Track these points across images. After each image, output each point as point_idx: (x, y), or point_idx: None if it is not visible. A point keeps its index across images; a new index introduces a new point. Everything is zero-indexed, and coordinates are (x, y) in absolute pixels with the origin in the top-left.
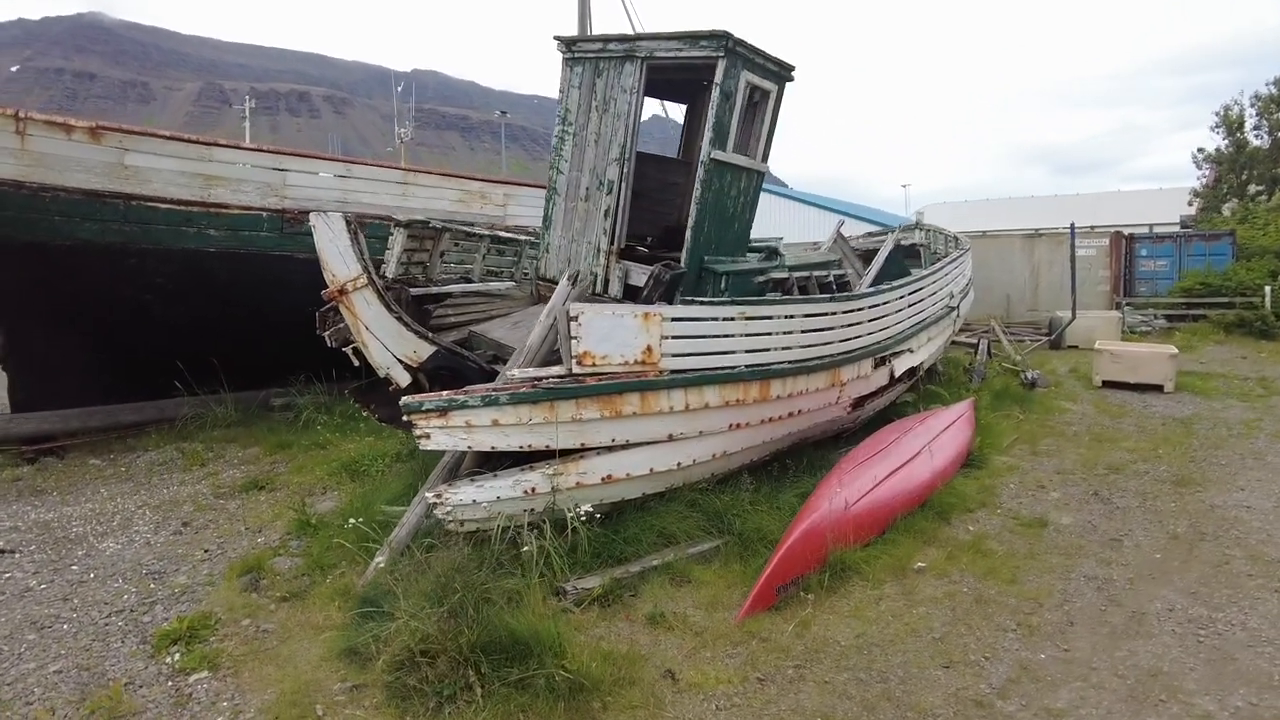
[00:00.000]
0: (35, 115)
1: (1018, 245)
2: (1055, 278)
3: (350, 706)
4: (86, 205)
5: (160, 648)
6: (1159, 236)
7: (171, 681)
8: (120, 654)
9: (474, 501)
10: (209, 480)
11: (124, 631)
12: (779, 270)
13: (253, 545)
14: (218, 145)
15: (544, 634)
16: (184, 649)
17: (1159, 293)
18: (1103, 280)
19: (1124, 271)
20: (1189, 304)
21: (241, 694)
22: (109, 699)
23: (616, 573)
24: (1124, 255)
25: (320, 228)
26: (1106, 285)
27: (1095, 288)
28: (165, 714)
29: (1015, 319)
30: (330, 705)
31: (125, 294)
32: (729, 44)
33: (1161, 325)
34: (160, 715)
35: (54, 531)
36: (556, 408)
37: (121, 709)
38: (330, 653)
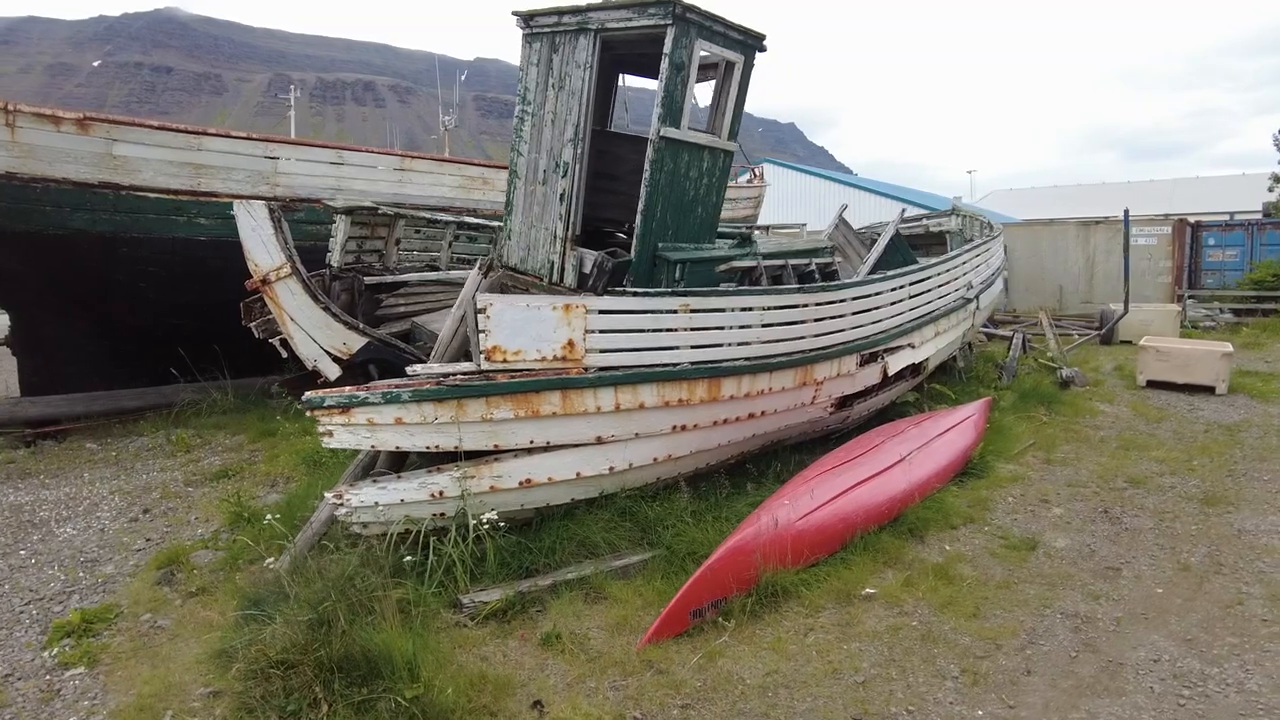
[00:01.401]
0: (24, 107)
1: (1072, 234)
2: (1112, 268)
3: (200, 715)
4: (76, 195)
5: (53, 640)
6: (1228, 225)
7: (49, 676)
8: (18, 644)
9: (376, 504)
10: (188, 467)
11: (32, 621)
12: (748, 258)
13: (188, 537)
14: (206, 134)
15: (397, 653)
16: (73, 642)
17: (1227, 285)
18: (1164, 271)
19: (1189, 262)
20: (1259, 297)
21: (105, 693)
22: None
23: (523, 586)
24: (1189, 244)
25: (242, 217)
26: (1169, 276)
27: (1156, 279)
28: (28, 710)
29: (1068, 311)
30: (181, 712)
31: (120, 281)
32: (676, 10)
33: (1227, 320)
34: (22, 711)
35: (22, 515)
36: (465, 406)
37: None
38: (206, 654)
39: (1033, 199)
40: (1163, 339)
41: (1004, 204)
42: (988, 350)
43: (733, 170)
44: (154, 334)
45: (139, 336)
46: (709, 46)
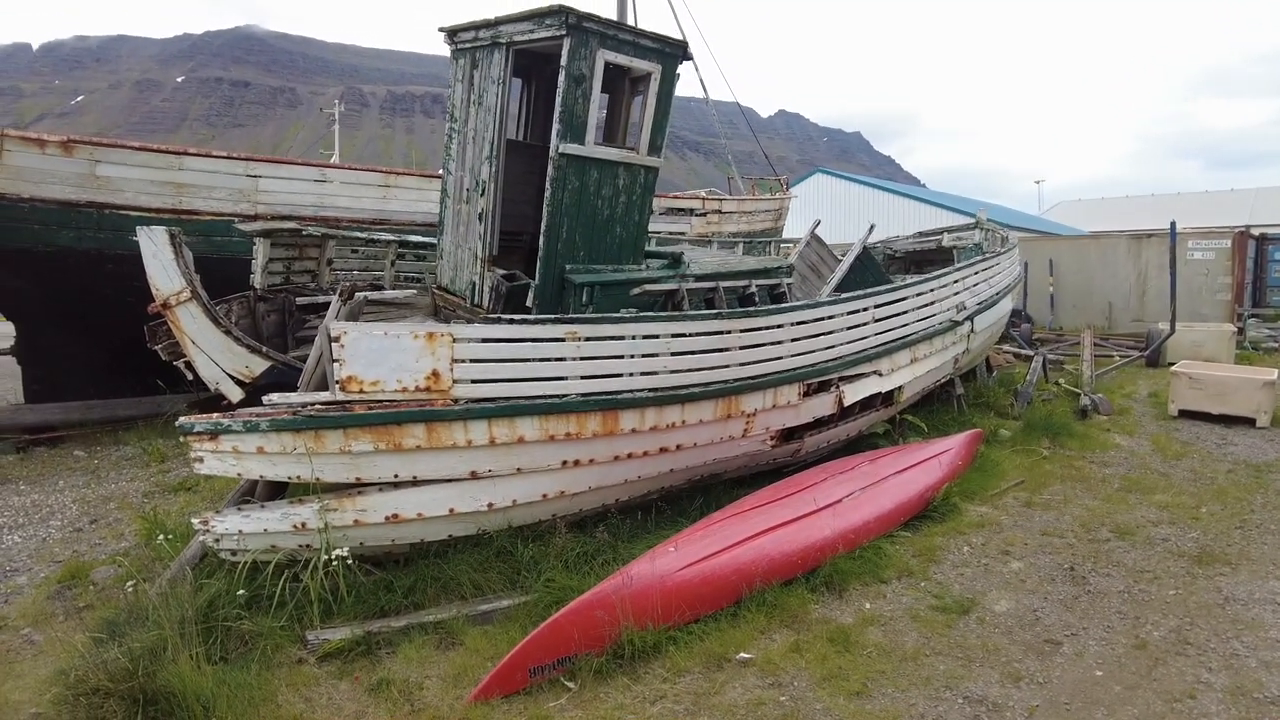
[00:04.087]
0: (10, 132)
1: (1123, 247)
2: (1165, 284)
3: None
4: (62, 214)
5: None
6: None
7: None
8: None
9: (239, 532)
10: (156, 478)
11: None
12: (670, 280)
13: (107, 551)
14: (188, 154)
15: (189, 691)
16: None
17: None
18: (1223, 288)
19: (1253, 278)
20: None
21: None
22: None
23: (373, 626)
24: (1253, 258)
25: (144, 242)
26: (1228, 293)
27: (1214, 296)
28: None
29: (1118, 330)
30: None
31: (108, 295)
32: (570, 20)
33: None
34: None
35: None
36: (322, 437)
37: None
38: (50, 674)
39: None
40: (1198, 364)
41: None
42: (1016, 372)
43: (745, 180)
44: (143, 345)
45: (130, 348)
46: (614, 57)
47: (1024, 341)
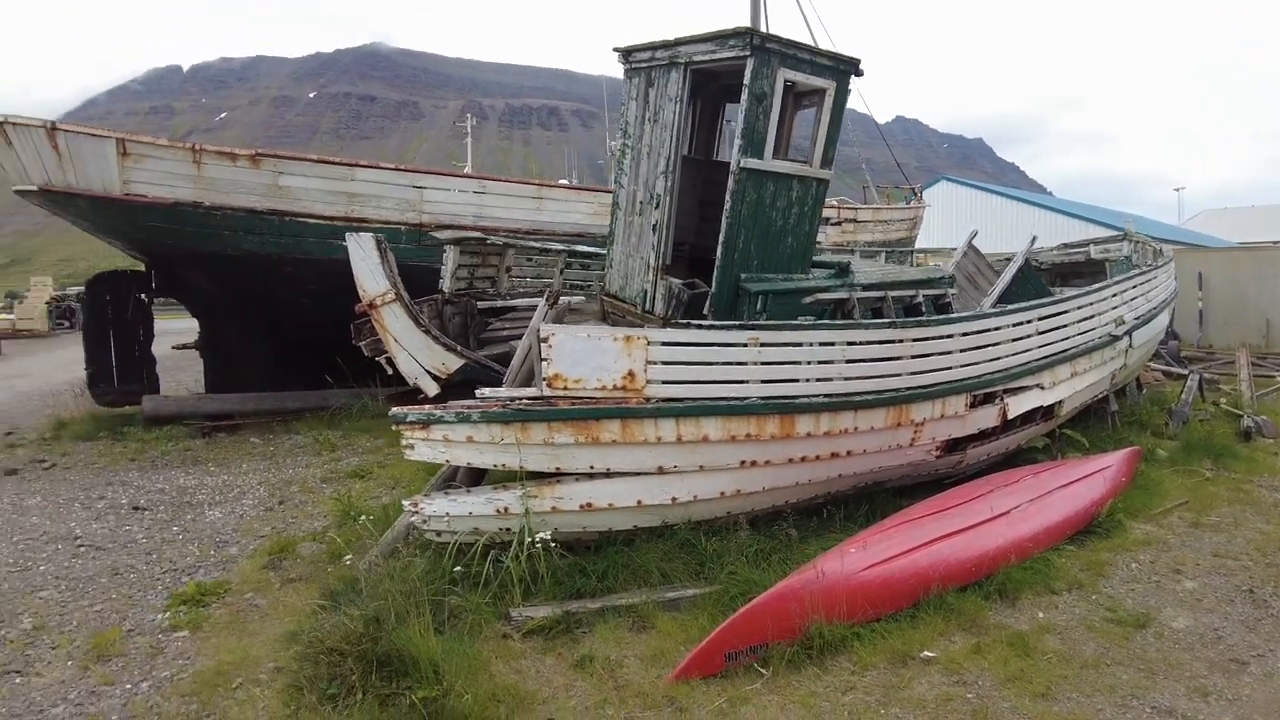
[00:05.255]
0: (208, 147)
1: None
2: None
3: (262, 686)
4: (248, 221)
5: (172, 606)
6: None
7: (159, 635)
8: (146, 605)
9: (446, 514)
10: (328, 465)
11: (164, 588)
12: (840, 290)
13: (304, 529)
14: (359, 166)
15: (423, 655)
16: (186, 610)
17: None
18: None
19: None
20: None
21: (195, 656)
22: (106, 640)
23: (571, 606)
24: None
25: (353, 247)
26: None
27: None
28: (136, 661)
29: (1277, 347)
30: (248, 680)
31: (286, 296)
32: (754, 41)
33: None
34: (131, 661)
35: (184, 497)
36: (528, 429)
37: (110, 650)
38: (282, 635)
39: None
40: None
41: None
42: (1167, 391)
43: (876, 188)
44: (314, 343)
45: (302, 345)
46: (793, 75)
47: (1171, 359)
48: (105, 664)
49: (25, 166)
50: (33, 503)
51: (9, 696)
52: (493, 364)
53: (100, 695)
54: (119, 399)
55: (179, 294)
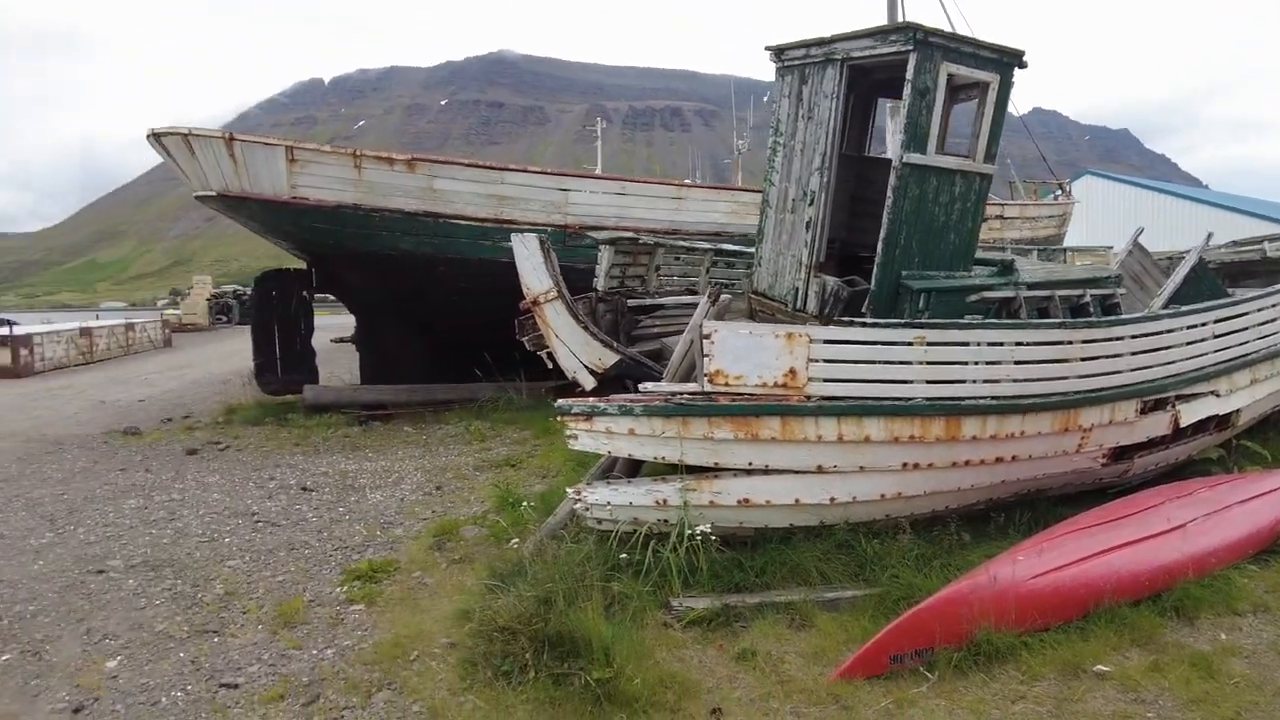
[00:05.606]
0: (367, 152)
1: None
2: None
3: (436, 660)
4: (405, 222)
5: (346, 580)
6: None
7: (337, 607)
8: (322, 579)
9: (608, 503)
10: (479, 454)
11: (337, 563)
12: (1005, 288)
13: (464, 513)
14: (508, 170)
15: (595, 637)
16: (360, 585)
17: None
18: None
19: None
20: None
21: (373, 628)
22: (291, 608)
23: (730, 599)
24: None
25: (518, 247)
26: None
27: None
28: (319, 629)
29: None
30: (424, 654)
31: (438, 294)
32: (918, 36)
33: None
34: (315, 629)
35: (347, 480)
36: (689, 424)
37: (295, 618)
38: (453, 612)
39: None
40: None
41: None
42: None
43: (1028, 182)
44: (464, 339)
45: (452, 341)
46: (956, 69)
47: None
48: (291, 630)
49: (206, 174)
50: (213, 480)
51: (210, 654)
52: (645, 360)
53: (289, 658)
54: (282, 388)
55: (338, 291)
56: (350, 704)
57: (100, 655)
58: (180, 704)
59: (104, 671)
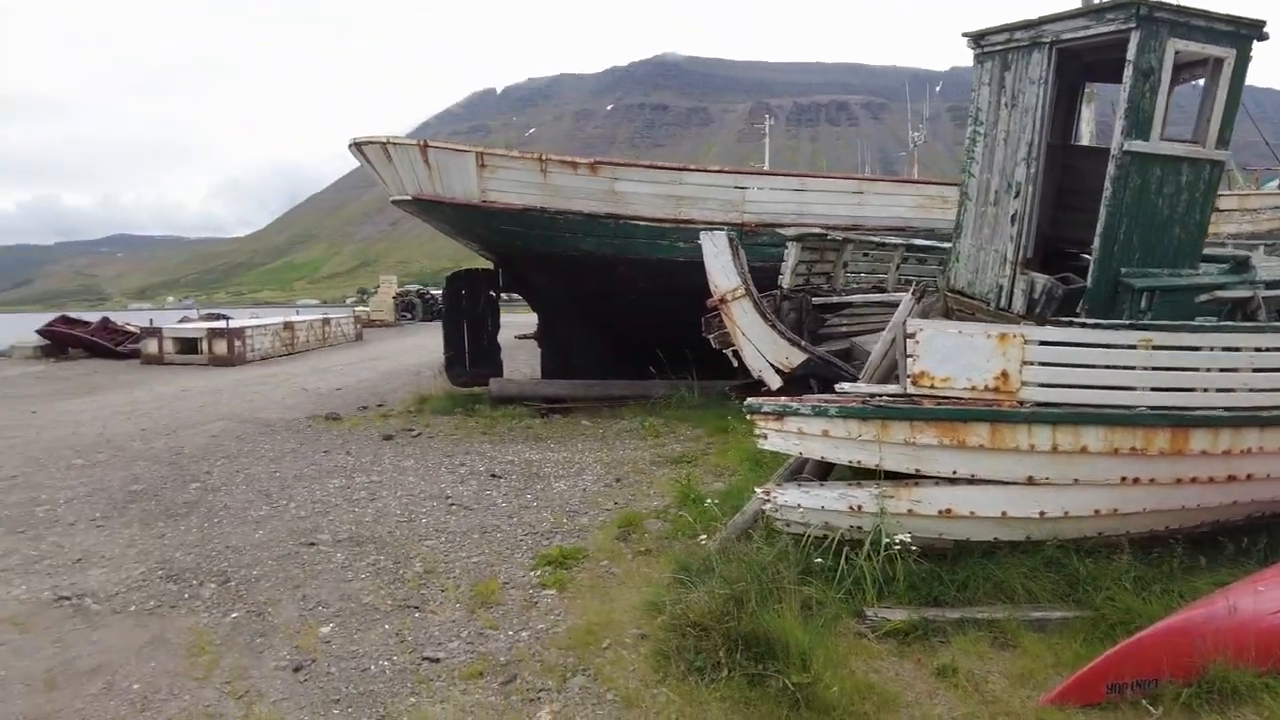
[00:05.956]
0: (552, 156)
1: None
2: None
3: (627, 649)
4: (587, 224)
5: (538, 565)
6: None
7: (530, 590)
8: (515, 562)
9: (798, 505)
10: (654, 450)
11: (527, 548)
12: (1240, 287)
13: (645, 507)
14: (686, 170)
15: (793, 641)
16: (550, 570)
17: None
18: None
19: None
20: None
21: (566, 613)
22: (487, 589)
23: (929, 613)
24: None
25: (706, 244)
26: None
27: None
28: (513, 611)
29: None
30: (615, 643)
31: (616, 294)
32: (1141, 11)
33: None
34: (509, 611)
35: (532, 469)
36: (888, 427)
37: (491, 599)
38: (641, 604)
39: None
40: None
41: None
42: None
43: (1248, 170)
44: (639, 337)
45: (628, 339)
46: (1187, 45)
47: None
48: (488, 610)
49: (402, 179)
50: (408, 464)
51: (413, 628)
52: (834, 360)
53: (487, 637)
54: (469, 380)
55: (522, 290)
56: (546, 686)
57: (315, 621)
58: (387, 673)
59: (319, 636)
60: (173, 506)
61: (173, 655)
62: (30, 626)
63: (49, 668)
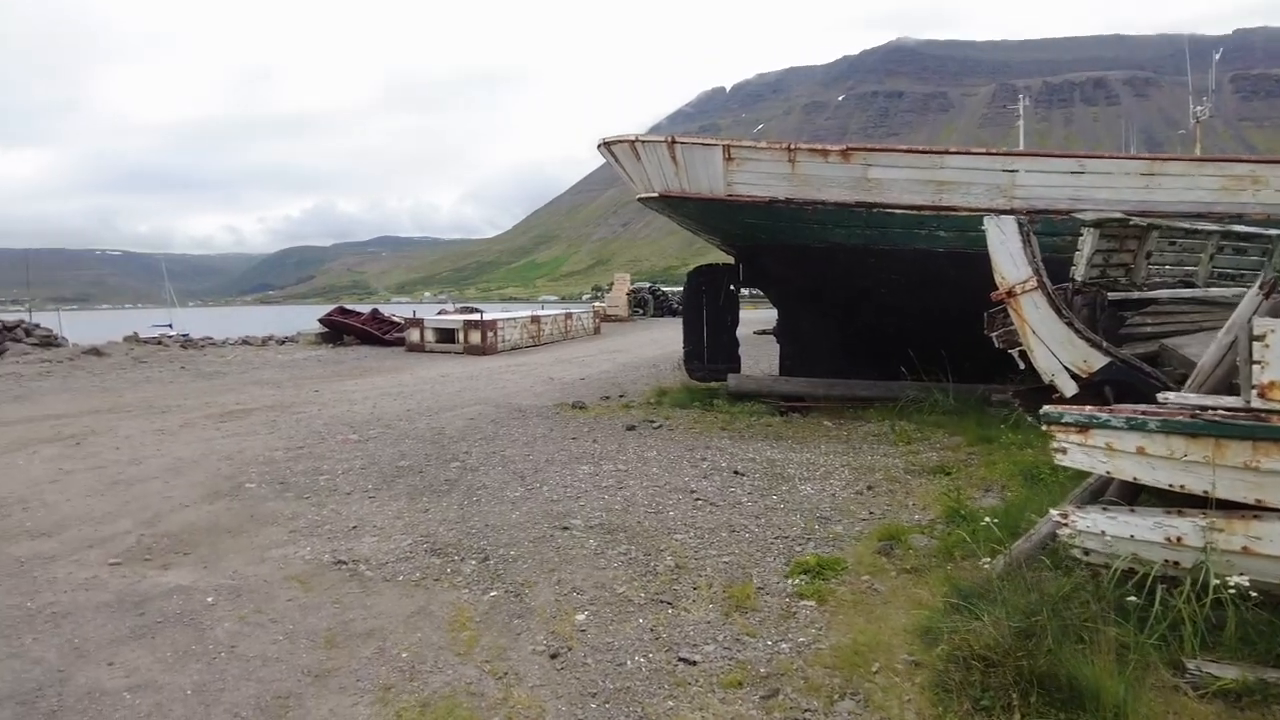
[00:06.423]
0: (801, 145)
1: None
2: None
3: (900, 677)
4: (836, 214)
5: (793, 572)
6: None
7: (787, 599)
8: (767, 566)
9: (1102, 533)
10: (906, 458)
11: (778, 552)
12: None
13: (906, 519)
14: (948, 153)
15: (1106, 693)
16: (807, 579)
17: None
18: None
19: None
20: None
21: (827, 628)
22: (741, 592)
23: (1269, 675)
24: None
25: (992, 230)
26: None
27: None
28: (770, 619)
29: None
30: (886, 667)
31: (865, 287)
32: None
33: None
34: (767, 618)
35: (775, 468)
36: (1223, 448)
37: (746, 603)
38: (911, 627)
39: None
40: None
41: None
42: None
43: None
44: (888, 334)
45: (875, 335)
46: None
47: None
48: (744, 615)
49: (650, 177)
50: (651, 455)
51: (667, 625)
52: (1141, 365)
53: (744, 644)
54: (708, 375)
55: (763, 284)
56: (811, 706)
57: (570, 607)
58: (643, 670)
59: (574, 624)
60: (435, 483)
61: (437, 628)
62: (313, 586)
63: (329, 627)
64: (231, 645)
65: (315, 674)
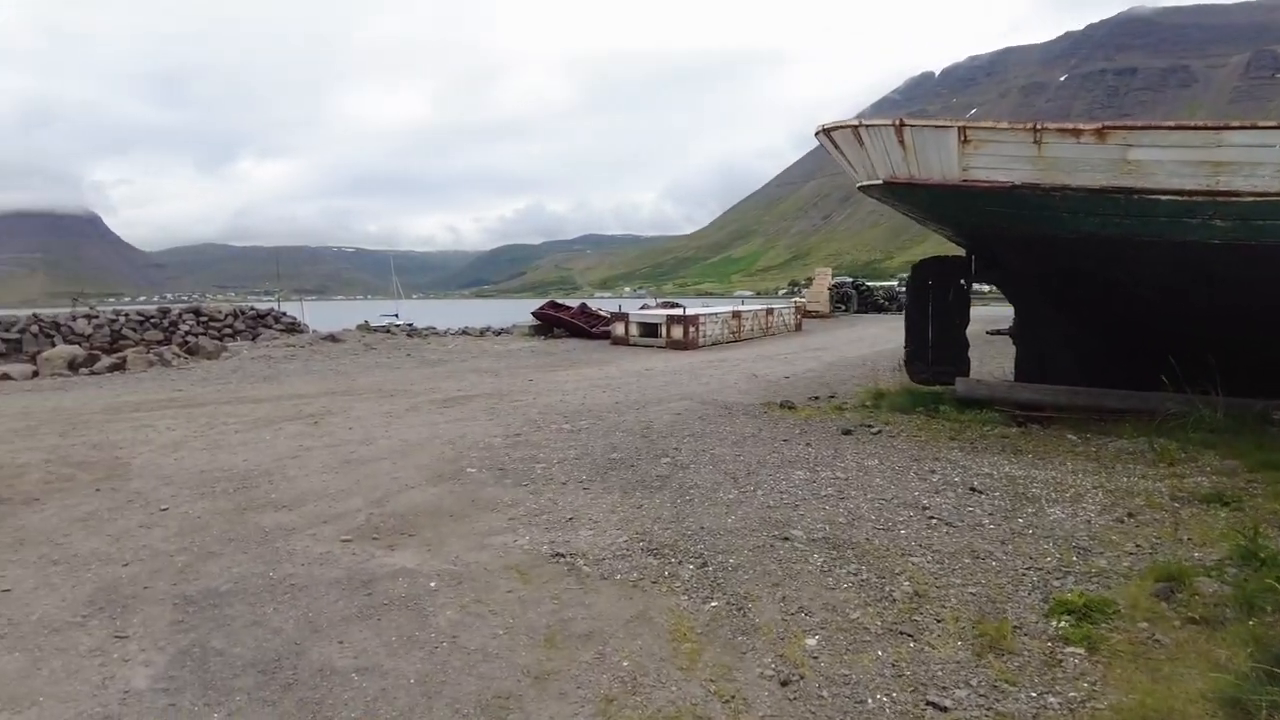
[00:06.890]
0: (1049, 125)
1: None
2: None
3: None
4: (1088, 201)
5: (1054, 612)
6: None
7: (1050, 643)
8: (1021, 601)
9: None
10: (1170, 481)
11: (1033, 585)
12: None
13: (1184, 557)
14: (1228, 128)
15: None
16: (1072, 622)
17: None
18: None
19: None
20: None
21: (1103, 684)
22: (995, 631)
23: None
24: None
25: None
26: None
27: None
28: (1031, 665)
29: None
30: None
31: (1120, 284)
32: None
33: None
34: (1028, 664)
35: (1016, 486)
36: None
37: (1001, 644)
38: (1212, 693)
39: None
40: None
41: None
42: None
43: None
44: (1145, 338)
45: (1129, 339)
46: None
47: None
48: (999, 658)
49: (873, 163)
50: (872, 464)
51: (910, 660)
52: None
53: (1004, 694)
54: (931, 378)
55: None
56: None
57: (799, 629)
58: (887, 711)
59: (804, 648)
60: (647, 478)
61: (657, 636)
62: (532, 579)
63: (549, 624)
64: (453, 635)
65: (535, 675)
